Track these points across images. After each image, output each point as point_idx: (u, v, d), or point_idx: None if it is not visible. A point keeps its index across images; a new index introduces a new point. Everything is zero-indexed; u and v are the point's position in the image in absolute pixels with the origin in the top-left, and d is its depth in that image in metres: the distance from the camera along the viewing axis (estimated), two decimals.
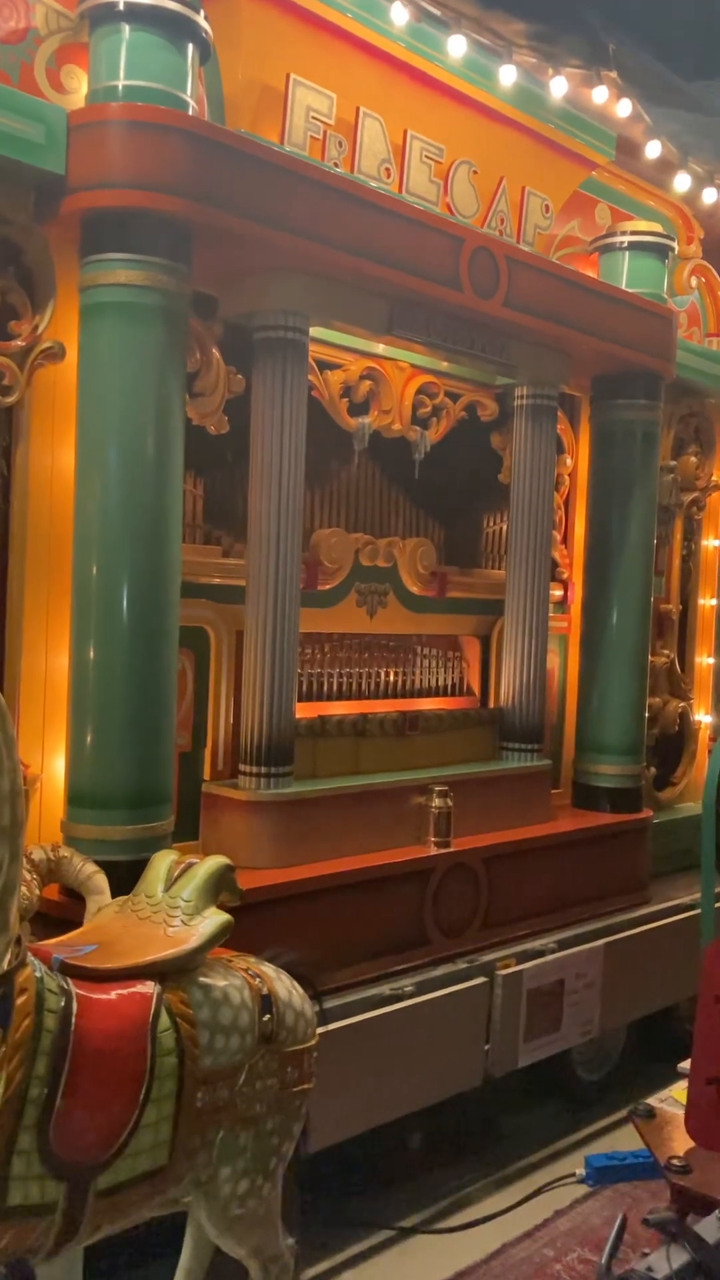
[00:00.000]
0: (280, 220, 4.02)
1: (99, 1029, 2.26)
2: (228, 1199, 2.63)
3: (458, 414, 5.42)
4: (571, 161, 5.53)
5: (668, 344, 5.83)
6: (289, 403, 4.34)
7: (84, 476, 3.86)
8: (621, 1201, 4.80)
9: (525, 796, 5.46)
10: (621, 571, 5.94)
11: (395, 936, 4.64)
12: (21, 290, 3.85)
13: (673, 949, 5.77)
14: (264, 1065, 2.64)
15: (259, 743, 4.38)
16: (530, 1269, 4.28)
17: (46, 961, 2.29)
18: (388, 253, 4.39)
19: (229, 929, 2.65)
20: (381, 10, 4.46)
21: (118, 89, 3.76)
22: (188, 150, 3.76)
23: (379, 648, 5.25)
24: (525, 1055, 4.97)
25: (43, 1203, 2.15)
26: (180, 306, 3.89)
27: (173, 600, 3.94)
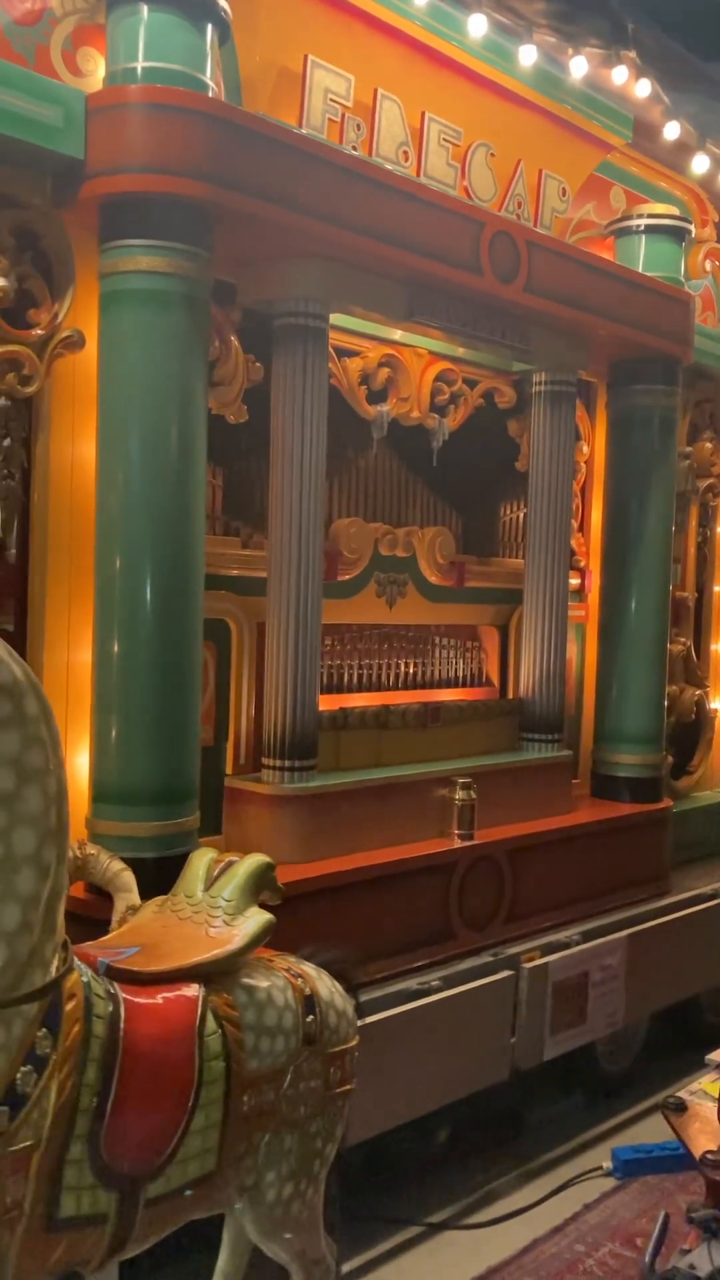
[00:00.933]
0: (302, 204, 3.95)
1: (147, 1034, 2.21)
2: (273, 1203, 2.59)
3: (475, 401, 5.35)
4: (588, 144, 5.45)
5: (686, 328, 5.77)
6: (310, 391, 4.27)
7: (106, 467, 3.79)
8: (650, 1194, 4.77)
9: (547, 787, 5.41)
10: (640, 559, 5.88)
11: (421, 930, 4.59)
12: (40, 277, 3.78)
13: (694, 939, 5.74)
14: (308, 1067, 2.59)
15: (282, 736, 4.32)
16: (561, 1265, 4.24)
17: (92, 966, 2.24)
18: (408, 237, 4.32)
19: (272, 928, 2.60)
20: None
21: (137, 71, 3.68)
22: (209, 133, 3.68)
23: (398, 638, 5.19)
24: (551, 1048, 4.93)
25: (95, 1213, 2.10)
26: (202, 293, 3.82)
27: (197, 592, 3.88)
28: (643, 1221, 4.55)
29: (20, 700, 1.99)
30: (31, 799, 1.99)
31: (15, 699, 1.98)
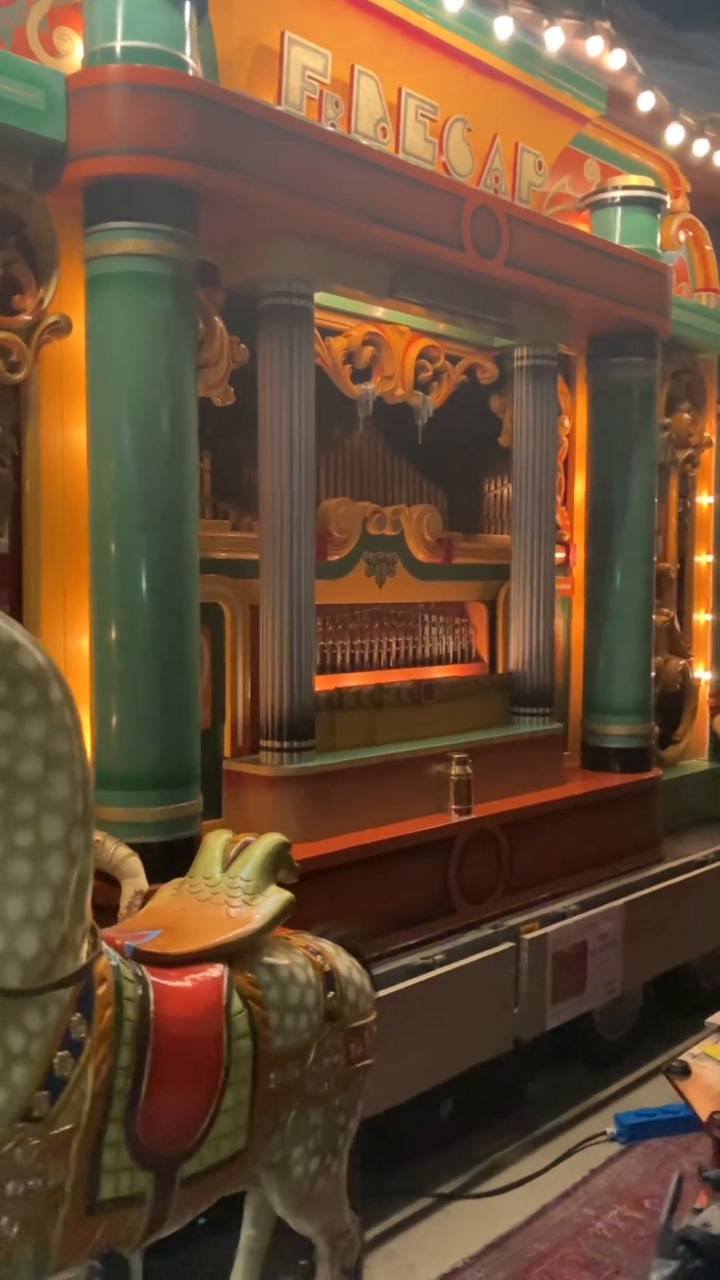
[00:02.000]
0: (286, 183, 3.93)
1: (176, 1015, 2.22)
2: (300, 1178, 2.61)
3: (458, 377, 5.36)
4: (563, 116, 5.45)
5: (663, 300, 5.79)
6: (297, 371, 4.27)
7: (97, 452, 3.77)
8: (654, 1157, 4.83)
9: (539, 761, 5.45)
10: (624, 532, 5.91)
11: (421, 905, 4.62)
12: (24, 262, 3.75)
13: (688, 906, 5.81)
14: (330, 1043, 2.62)
15: (280, 717, 4.33)
16: (572, 1229, 4.30)
17: (117, 950, 2.24)
18: (391, 214, 4.31)
19: (292, 906, 2.61)
20: None
21: (116, 50, 3.65)
22: (192, 113, 3.66)
23: (389, 617, 5.20)
24: (553, 1018, 4.98)
25: (133, 1194, 2.12)
26: (188, 275, 3.80)
27: (193, 576, 3.87)
28: (649, 1184, 4.62)
29: (45, 687, 1.99)
30: (59, 785, 2.00)
31: (40, 685, 1.98)
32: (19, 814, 1.94)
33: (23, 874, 1.94)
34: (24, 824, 1.95)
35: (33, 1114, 1.93)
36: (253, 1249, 3.04)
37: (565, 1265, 4.07)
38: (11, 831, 1.93)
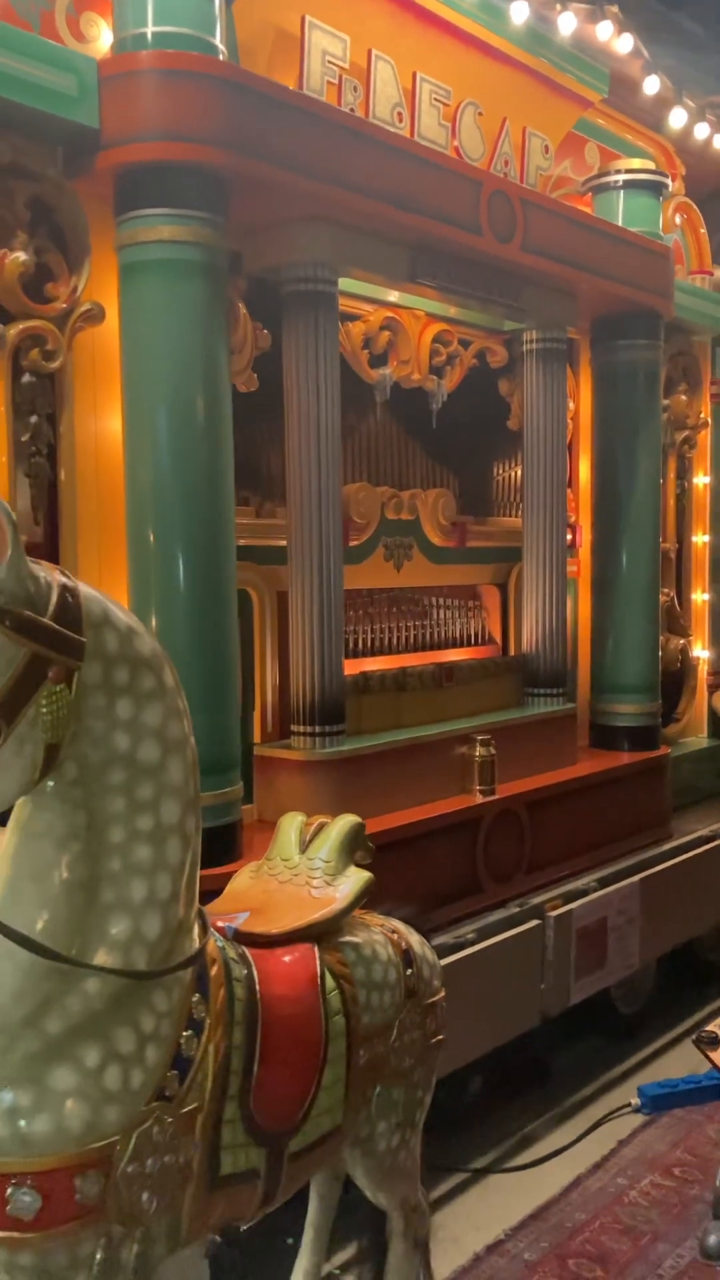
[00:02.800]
0: (313, 168, 3.93)
1: (280, 995, 2.25)
2: (384, 1153, 2.66)
3: (469, 361, 5.38)
4: (568, 100, 5.48)
5: (667, 282, 5.85)
6: (323, 356, 4.27)
7: (134, 441, 3.77)
8: (679, 1127, 4.93)
9: (554, 740, 5.51)
10: (629, 512, 5.98)
11: (451, 885, 4.67)
12: (56, 250, 3.73)
13: (698, 881, 5.90)
14: (409, 1019, 2.65)
15: (311, 702, 4.35)
16: (608, 1198, 4.38)
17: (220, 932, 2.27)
18: (413, 198, 4.32)
19: (373, 886, 2.65)
20: None
21: (147, 36, 3.63)
22: (224, 98, 3.65)
23: (406, 601, 5.23)
24: (577, 993, 5.05)
25: (248, 1169, 2.15)
26: (221, 261, 3.81)
27: (230, 563, 3.89)
28: (677, 1152, 4.71)
29: (160, 673, 2.00)
30: (175, 770, 2.01)
31: (156, 671, 1.99)
32: (139, 799, 1.96)
33: (145, 858, 1.97)
34: (144, 808, 1.96)
35: (165, 1093, 1.96)
36: (319, 1225, 3.08)
37: (605, 1233, 4.15)
38: (133, 816, 1.95)
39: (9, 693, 1.73)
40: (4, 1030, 1.84)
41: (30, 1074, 1.83)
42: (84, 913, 1.91)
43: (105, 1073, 1.88)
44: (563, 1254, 4.02)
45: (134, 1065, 1.91)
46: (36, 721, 1.78)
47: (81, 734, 1.87)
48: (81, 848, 1.91)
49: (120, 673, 1.91)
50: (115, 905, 1.94)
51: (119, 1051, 1.90)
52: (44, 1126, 1.81)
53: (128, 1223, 1.89)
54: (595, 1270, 3.93)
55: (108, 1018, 1.91)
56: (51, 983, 1.87)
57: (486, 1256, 4.00)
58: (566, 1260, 3.98)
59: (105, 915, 1.93)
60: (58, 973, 1.87)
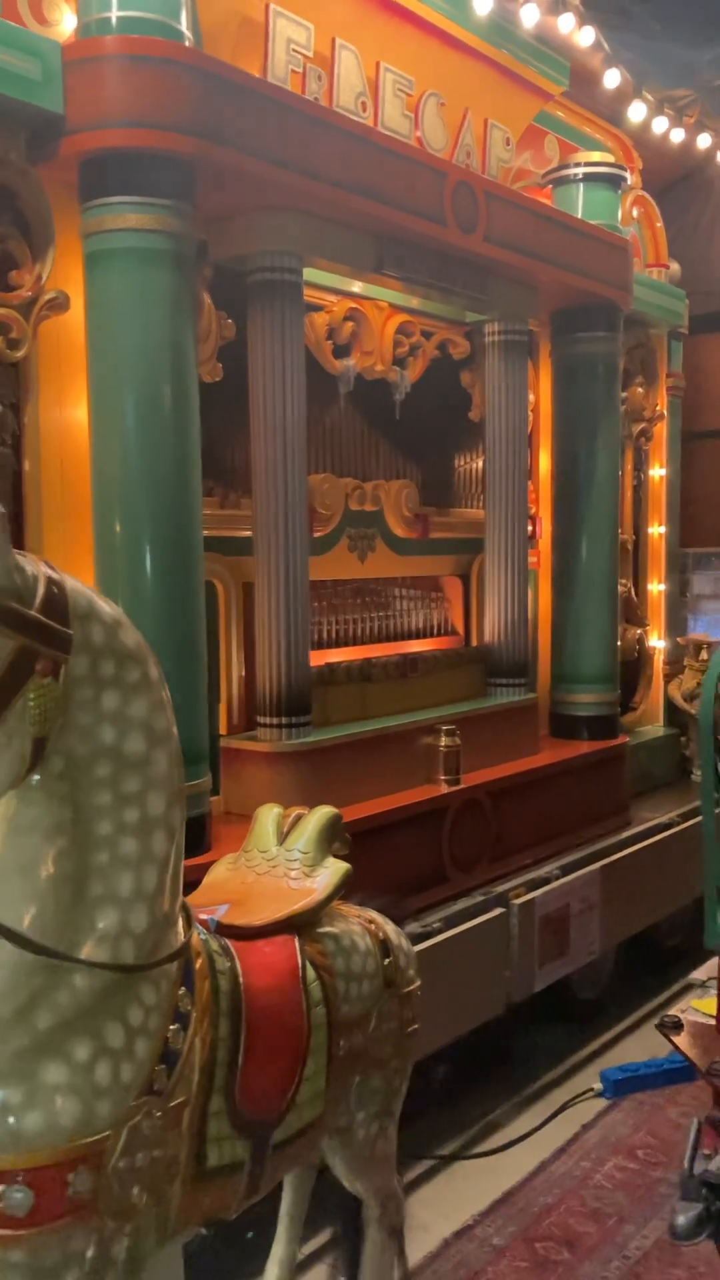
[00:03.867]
0: (280, 156, 3.92)
1: (263, 986, 2.24)
2: (363, 1142, 2.67)
3: (431, 352, 5.40)
4: (529, 92, 5.50)
5: (626, 275, 5.89)
6: (288, 346, 4.26)
7: (101, 431, 3.74)
8: (640, 1110, 4.99)
9: (516, 730, 5.55)
10: (589, 505, 6.03)
11: (417, 875, 4.69)
12: (19, 238, 3.68)
13: (657, 868, 5.97)
14: (387, 1008, 2.66)
15: (277, 693, 4.35)
16: (573, 1182, 4.43)
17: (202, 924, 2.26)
18: (379, 188, 4.32)
19: (350, 877, 2.65)
20: None
21: (111, 20, 3.60)
22: (191, 85, 3.62)
23: (369, 592, 5.24)
24: (540, 979, 5.09)
25: (234, 1162, 2.15)
26: (188, 249, 3.78)
27: (198, 554, 3.87)
28: (639, 1135, 4.78)
29: (145, 665, 1.99)
30: (160, 762, 2.00)
31: (142, 664, 1.98)
32: (125, 791, 1.94)
33: (131, 850, 1.95)
34: (131, 801, 1.95)
35: (154, 1087, 1.95)
36: (293, 1214, 3.08)
37: (572, 1216, 4.19)
38: (120, 809, 1.94)
39: None
40: None
41: (20, 1070, 1.82)
42: (72, 907, 1.90)
43: (96, 1067, 1.87)
44: (530, 1238, 4.06)
45: (124, 1060, 1.91)
46: (24, 715, 1.76)
47: (68, 727, 1.85)
48: (68, 842, 1.89)
49: (106, 665, 1.90)
50: (103, 899, 1.93)
51: (109, 1046, 1.89)
52: (36, 1123, 1.80)
53: (119, 1218, 1.88)
54: (563, 1253, 3.98)
55: (97, 1012, 1.90)
56: (40, 978, 1.86)
57: (455, 1242, 4.03)
58: (534, 1244, 4.02)
59: (93, 909, 1.92)
60: (46, 968, 1.86)
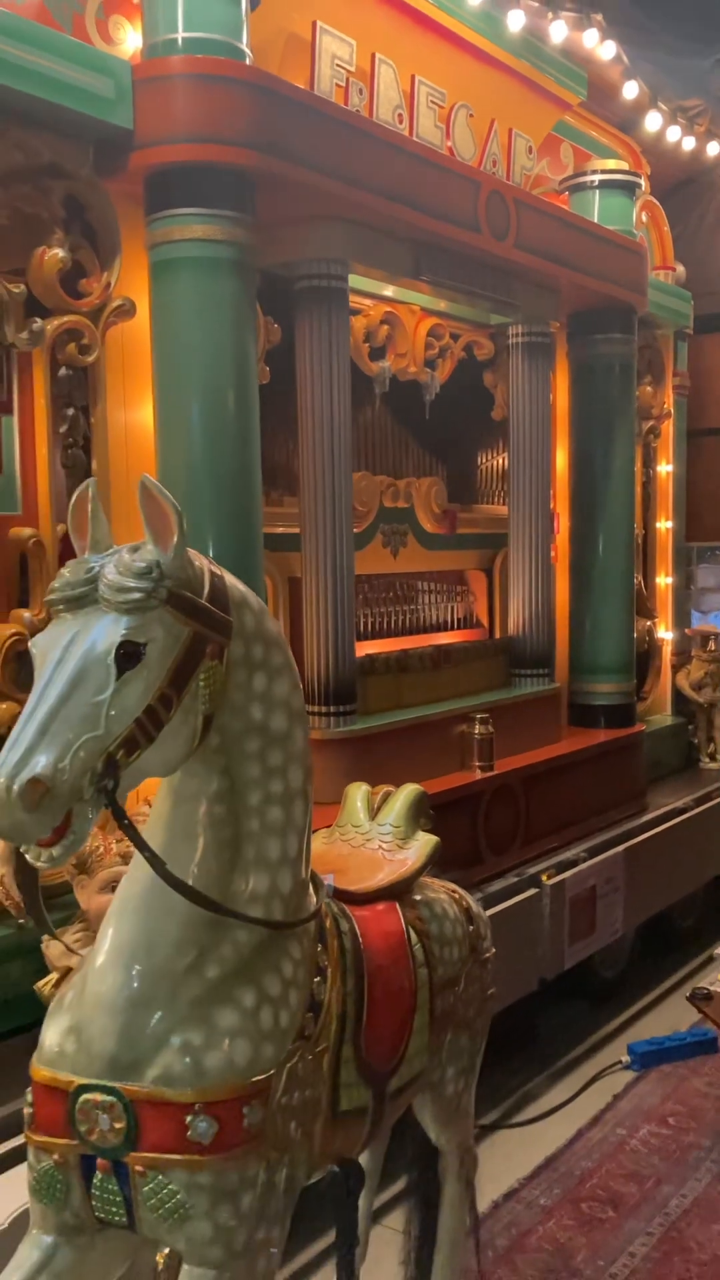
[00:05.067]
0: (332, 168, 4.10)
1: (377, 947, 2.43)
2: (451, 1095, 2.86)
3: (459, 354, 5.59)
4: (549, 102, 5.70)
5: (642, 278, 6.10)
6: (335, 350, 4.44)
7: (166, 431, 3.90)
8: (668, 1081, 5.21)
9: (541, 718, 5.75)
10: (606, 500, 6.24)
11: (455, 857, 4.84)
12: (89, 247, 3.84)
13: (674, 851, 6.19)
14: (472, 972, 2.86)
15: (326, 683, 4.53)
16: (610, 1147, 4.64)
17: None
18: (419, 197, 4.51)
19: (440, 849, 2.84)
20: None
21: (178, 41, 3.76)
22: (252, 101, 3.79)
23: (402, 586, 5.43)
24: (570, 958, 5.30)
25: (360, 1106, 2.33)
26: (250, 258, 3.94)
27: (258, 549, 4.04)
28: (669, 1104, 4.99)
29: (285, 649, 2.17)
30: (299, 738, 2.19)
31: (283, 648, 2.16)
32: (271, 764, 2.12)
33: (278, 819, 2.13)
34: (276, 774, 2.13)
35: (305, 1033, 2.13)
36: (371, 1167, 3.26)
37: (612, 1178, 4.40)
38: (267, 781, 2.12)
39: (178, 667, 1.88)
40: (170, 977, 2.00)
41: (198, 1015, 2.00)
42: (230, 869, 2.08)
43: (261, 1013, 2.05)
44: (575, 1198, 4.26)
45: (281, 1007, 2.09)
46: (197, 694, 1.93)
47: (225, 706, 2.03)
48: (225, 810, 2.07)
49: (257, 649, 2.08)
50: (255, 862, 2.11)
51: (269, 994, 2.08)
52: (215, 1062, 1.98)
53: (280, 1149, 2.06)
54: (608, 1211, 4.19)
55: (256, 964, 2.08)
56: (208, 933, 2.03)
57: (505, 1203, 4.23)
58: (580, 1204, 4.23)
59: (248, 871, 2.10)
60: (213, 924, 2.03)
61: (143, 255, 3.92)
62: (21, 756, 1.71)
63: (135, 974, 2.00)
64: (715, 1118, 4.85)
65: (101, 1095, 1.98)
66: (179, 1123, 1.96)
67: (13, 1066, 3.27)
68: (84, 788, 1.76)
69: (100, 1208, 2.02)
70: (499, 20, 5.00)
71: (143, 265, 3.93)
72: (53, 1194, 2.03)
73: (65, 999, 2.09)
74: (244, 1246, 2.00)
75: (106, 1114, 1.97)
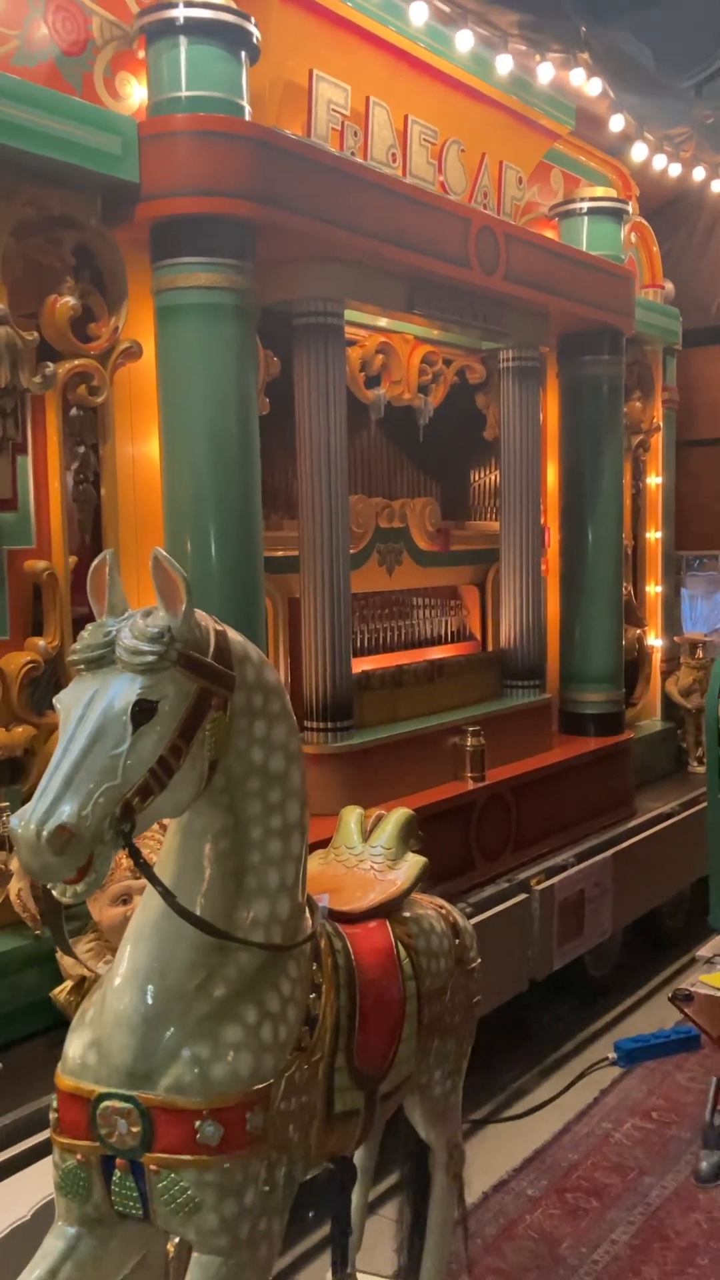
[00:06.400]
0: (327, 214, 4.31)
1: (368, 963, 2.65)
2: (439, 1097, 3.09)
3: (451, 379, 5.80)
4: (539, 134, 5.90)
5: (629, 302, 6.32)
6: (331, 383, 4.66)
7: (171, 465, 4.13)
8: (653, 1077, 5.44)
9: (532, 728, 5.98)
10: (595, 515, 6.46)
11: (449, 864, 5.11)
12: (98, 293, 4.05)
13: (660, 854, 6.42)
14: (458, 982, 3.08)
15: (323, 699, 4.75)
16: (596, 1140, 4.88)
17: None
18: (412, 237, 4.72)
19: (428, 869, 3.07)
20: (396, 9, 4.74)
21: (181, 100, 3.98)
22: (252, 155, 4.01)
23: (396, 603, 5.65)
24: (559, 959, 5.54)
25: (353, 1109, 2.56)
26: (250, 303, 4.16)
27: (259, 573, 4.27)
28: (653, 1099, 5.23)
29: (283, 697, 2.39)
30: (295, 776, 2.41)
31: (280, 696, 2.38)
32: (271, 801, 2.34)
33: (277, 851, 2.36)
34: (275, 810, 2.35)
35: (301, 1044, 2.36)
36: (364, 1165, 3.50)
37: (597, 1170, 4.64)
38: (267, 816, 2.34)
39: (187, 719, 2.10)
40: (181, 996, 2.23)
41: (206, 1031, 2.23)
42: (234, 898, 2.30)
43: (262, 1028, 2.27)
44: (561, 1189, 4.50)
45: (280, 1022, 2.31)
46: (204, 742, 2.16)
47: (229, 750, 2.25)
48: (229, 844, 2.29)
49: (257, 698, 2.30)
50: (256, 891, 2.33)
51: (269, 1011, 2.30)
52: (221, 1073, 2.21)
53: (280, 1150, 2.29)
54: (591, 1202, 4.42)
55: (258, 984, 2.31)
56: (215, 957, 2.26)
57: (494, 1194, 4.47)
58: (565, 1194, 4.47)
59: (249, 899, 2.32)
60: (219, 949, 2.26)
61: (148, 298, 4.14)
62: (50, 805, 1.94)
63: (149, 994, 2.23)
64: (696, 1112, 5.08)
65: (120, 1103, 2.21)
66: (189, 1127, 2.18)
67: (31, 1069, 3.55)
68: (104, 831, 1.99)
69: (119, 1202, 2.26)
70: (489, 61, 5.20)
71: (148, 307, 4.15)
72: (76, 1190, 2.27)
73: (87, 1015, 2.32)
74: (248, 1236, 2.23)
75: (124, 1119, 2.20)
